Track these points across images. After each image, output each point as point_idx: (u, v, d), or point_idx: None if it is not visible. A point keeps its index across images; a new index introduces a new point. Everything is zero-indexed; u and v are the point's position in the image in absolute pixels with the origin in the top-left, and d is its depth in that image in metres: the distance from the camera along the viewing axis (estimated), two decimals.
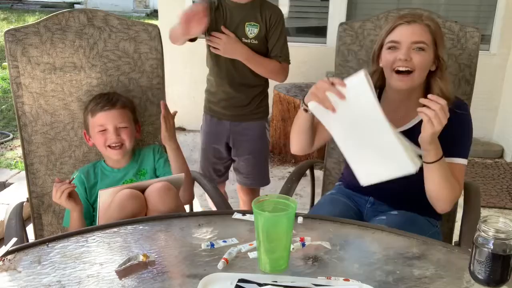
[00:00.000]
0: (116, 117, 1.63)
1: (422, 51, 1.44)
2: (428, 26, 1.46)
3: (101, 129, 1.62)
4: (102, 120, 1.62)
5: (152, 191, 1.46)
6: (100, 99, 1.67)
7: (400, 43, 1.46)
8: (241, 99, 2.14)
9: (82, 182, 1.65)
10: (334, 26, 3.03)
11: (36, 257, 1.10)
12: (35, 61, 1.71)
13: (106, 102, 1.64)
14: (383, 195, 1.58)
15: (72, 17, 1.76)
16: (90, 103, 1.68)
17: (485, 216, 1.03)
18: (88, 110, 1.66)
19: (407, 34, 1.45)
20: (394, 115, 1.51)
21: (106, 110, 1.63)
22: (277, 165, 3.84)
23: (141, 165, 1.73)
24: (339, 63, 1.93)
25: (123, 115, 1.66)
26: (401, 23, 1.47)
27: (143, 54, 1.84)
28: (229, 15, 2.02)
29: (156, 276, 1.04)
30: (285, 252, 1.07)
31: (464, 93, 1.79)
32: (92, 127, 1.65)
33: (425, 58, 1.45)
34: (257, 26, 2.03)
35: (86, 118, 1.67)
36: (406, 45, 1.45)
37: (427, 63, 1.47)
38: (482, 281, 1.01)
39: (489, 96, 4.12)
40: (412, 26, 1.46)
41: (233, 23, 2.02)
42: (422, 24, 1.46)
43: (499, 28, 4.07)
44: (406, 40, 1.45)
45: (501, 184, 3.51)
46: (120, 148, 1.64)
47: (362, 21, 1.90)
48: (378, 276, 1.05)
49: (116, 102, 1.65)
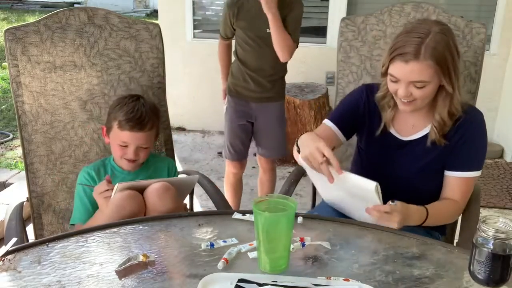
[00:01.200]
0: (141, 139, 1.61)
1: (422, 88, 1.37)
2: (430, 60, 1.33)
3: (123, 144, 1.61)
4: (126, 138, 1.59)
5: (151, 191, 1.46)
6: (131, 114, 1.59)
7: (400, 80, 1.38)
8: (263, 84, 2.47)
9: (93, 179, 1.64)
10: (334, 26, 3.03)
11: (36, 257, 1.10)
12: (35, 60, 1.71)
13: (137, 122, 1.58)
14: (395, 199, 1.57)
15: (73, 16, 1.76)
16: (120, 111, 1.60)
17: (485, 216, 1.03)
18: (117, 119, 1.60)
19: (405, 73, 1.36)
20: (405, 124, 1.53)
21: (135, 131, 1.59)
22: (277, 165, 3.82)
23: (153, 174, 1.70)
24: (340, 59, 1.92)
25: (148, 137, 1.63)
26: (399, 60, 1.36)
27: (144, 53, 1.84)
28: (253, 9, 2.32)
29: (156, 276, 1.04)
30: (285, 252, 1.07)
31: (469, 91, 1.77)
32: (115, 137, 1.62)
33: (426, 92, 1.38)
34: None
35: (112, 122, 1.62)
36: (405, 83, 1.37)
37: (429, 94, 1.40)
38: (482, 281, 1.01)
39: (489, 96, 4.12)
40: (410, 65, 1.34)
41: (257, 16, 2.29)
42: (422, 63, 1.33)
43: (499, 28, 4.07)
44: (405, 79, 1.37)
45: (501, 184, 3.51)
46: (133, 162, 1.63)
47: (365, 15, 1.89)
48: (378, 276, 1.05)
49: (146, 125, 1.60)
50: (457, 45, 1.39)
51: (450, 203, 1.48)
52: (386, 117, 1.53)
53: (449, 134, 1.46)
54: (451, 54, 1.36)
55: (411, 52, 1.33)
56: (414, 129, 1.52)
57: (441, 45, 1.34)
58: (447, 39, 1.35)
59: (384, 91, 1.52)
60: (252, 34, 2.38)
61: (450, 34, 1.38)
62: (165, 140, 1.92)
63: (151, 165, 1.72)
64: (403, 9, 1.84)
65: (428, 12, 1.81)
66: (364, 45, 1.88)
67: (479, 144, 1.48)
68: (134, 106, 1.61)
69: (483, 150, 1.49)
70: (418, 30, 1.36)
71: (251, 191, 3.36)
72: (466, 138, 1.45)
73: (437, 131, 1.45)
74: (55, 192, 1.78)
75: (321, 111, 3.79)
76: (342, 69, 1.91)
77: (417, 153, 1.50)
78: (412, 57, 1.33)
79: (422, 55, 1.33)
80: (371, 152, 1.59)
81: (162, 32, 1.87)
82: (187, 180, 1.66)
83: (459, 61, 1.40)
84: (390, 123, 1.54)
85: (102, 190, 1.48)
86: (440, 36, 1.34)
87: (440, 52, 1.33)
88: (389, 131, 1.55)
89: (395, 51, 1.37)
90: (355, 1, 4.24)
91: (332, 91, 2.20)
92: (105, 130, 1.68)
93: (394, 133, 1.54)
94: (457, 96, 1.41)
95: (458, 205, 1.49)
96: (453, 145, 1.46)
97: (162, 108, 1.86)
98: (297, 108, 3.74)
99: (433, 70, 1.34)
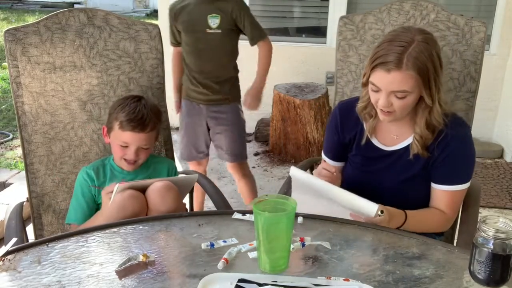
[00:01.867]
0: (142, 139, 1.61)
1: (403, 98, 1.34)
2: (412, 71, 1.30)
3: (124, 145, 1.61)
4: (127, 138, 1.60)
5: (153, 191, 1.46)
6: (133, 115, 1.59)
7: (380, 89, 1.35)
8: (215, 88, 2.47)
9: (92, 179, 1.64)
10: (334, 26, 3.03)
11: (36, 257, 1.10)
12: (35, 61, 1.71)
13: (138, 123, 1.59)
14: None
15: (72, 17, 1.76)
16: (122, 112, 1.61)
17: (485, 216, 1.03)
18: (118, 119, 1.60)
19: (387, 82, 1.32)
20: (388, 134, 1.51)
21: (136, 132, 1.59)
22: (277, 165, 3.84)
23: (152, 175, 1.70)
24: (339, 58, 1.91)
25: (149, 138, 1.63)
26: (380, 69, 1.32)
27: (144, 53, 1.84)
28: (193, 10, 2.36)
29: (156, 276, 1.04)
30: (285, 252, 1.07)
31: (469, 90, 1.76)
32: (115, 137, 1.62)
33: (406, 102, 1.35)
34: (218, 17, 2.32)
35: (113, 122, 1.62)
36: (386, 93, 1.34)
37: (409, 105, 1.37)
38: (482, 281, 1.01)
39: (489, 96, 4.12)
40: (392, 74, 1.30)
41: (195, 17, 2.34)
42: (404, 72, 1.30)
43: (499, 28, 4.07)
44: (386, 88, 1.33)
45: (501, 184, 3.51)
46: (133, 164, 1.63)
47: (363, 14, 1.87)
48: (378, 276, 1.05)
49: (147, 125, 1.61)
50: (440, 56, 1.36)
51: (435, 212, 1.46)
52: (368, 127, 1.51)
53: (431, 147, 1.43)
54: (433, 65, 1.32)
55: (393, 61, 1.30)
56: (397, 139, 1.49)
57: (423, 55, 1.30)
58: (430, 49, 1.32)
59: (365, 101, 1.48)
60: (191, 35, 2.41)
61: (433, 44, 1.35)
62: (164, 141, 1.92)
63: (151, 165, 1.72)
64: (402, 7, 1.83)
65: (427, 10, 1.80)
66: (363, 44, 1.88)
67: (464, 158, 1.44)
68: (135, 107, 1.61)
69: (469, 163, 1.46)
70: (401, 38, 1.33)
71: None
72: (449, 152, 1.41)
73: (418, 143, 1.42)
74: (55, 192, 1.78)
75: (321, 111, 3.79)
76: (341, 68, 1.91)
77: (402, 163, 1.48)
78: (394, 66, 1.30)
79: (404, 65, 1.29)
80: (357, 161, 1.57)
81: (162, 33, 1.87)
82: (186, 180, 1.66)
83: (441, 72, 1.36)
84: (372, 133, 1.52)
85: (111, 190, 1.48)
86: (423, 45, 1.31)
87: (422, 63, 1.30)
88: (371, 141, 1.52)
89: (376, 60, 1.33)
90: (355, 1, 4.24)
91: (332, 91, 2.20)
92: (106, 130, 1.68)
93: (376, 143, 1.52)
94: (437, 108, 1.37)
95: (445, 216, 1.46)
96: (436, 158, 1.43)
97: (162, 108, 1.86)
98: (297, 108, 3.74)
99: (414, 80, 1.31)
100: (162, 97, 1.89)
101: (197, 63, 2.43)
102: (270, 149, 4.06)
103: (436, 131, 1.41)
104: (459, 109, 1.77)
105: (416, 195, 1.50)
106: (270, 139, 4.05)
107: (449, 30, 1.77)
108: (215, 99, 2.46)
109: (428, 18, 1.80)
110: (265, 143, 4.22)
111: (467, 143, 1.44)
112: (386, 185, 1.51)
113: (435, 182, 1.46)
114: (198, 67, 2.43)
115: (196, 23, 2.35)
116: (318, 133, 3.81)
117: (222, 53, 2.44)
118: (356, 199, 1.30)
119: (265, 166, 3.79)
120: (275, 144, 3.99)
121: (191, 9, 2.37)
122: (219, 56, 2.42)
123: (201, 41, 2.38)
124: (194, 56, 2.42)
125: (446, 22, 1.78)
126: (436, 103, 1.37)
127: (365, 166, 1.55)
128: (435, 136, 1.42)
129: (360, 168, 1.56)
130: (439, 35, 1.77)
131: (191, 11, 2.37)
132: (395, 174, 1.49)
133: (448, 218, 1.47)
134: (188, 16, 2.37)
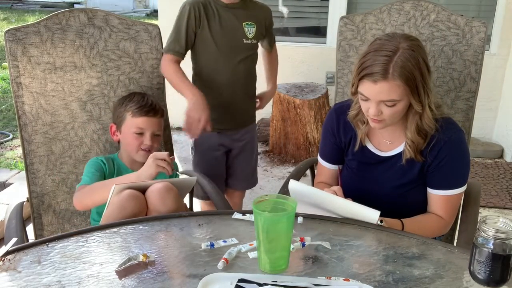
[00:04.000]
0: (156, 124, 1.69)
1: (393, 106, 1.33)
2: (398, 80, 1.29)
3: (139, 132, 1.65)
4: (143, 124, 1.66)
5: (153, 192, 1.46)
6: (143, 102, 1.68)
7: (369, 99, 1.34)
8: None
9: (105, 165, 1.67)
10: (334, 26, 3.03)
11: (36, 257, 1.10)
12: (36, 61, 1.71)
13: (150, 108, 1.68)
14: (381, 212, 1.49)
15: (73, 17, 1.76)
16: (131, 103, 1.68)
17: (485, 216, 1.03)
18: (128, 108, 1.67)
19: (375, 93, 1.32)
20: (382, 140, 1.50)
21: (150, 116, 1.67)
22: (277, 165, 3.84)
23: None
24: (340, 58, 1.91)
25: (160, 124, 1.73)
26: (367, 80, 1.31)
27: (144, 54, 1.84)
28: (223, 15, 1.94)
29: (156, 276, 1.04)
30: (285, 252, 1.07)
31: (469, 91, 1.77)
32: (129, 126, 1.66)
33: (396, 109, 1.34)
34: (254, 26, 2.00)
35: (123, 114, 1.68)
36: (375, 102, 1.33)
37: (400, 112, 1.36)
38: (482, 281, 1.01)
39: (489, 96, 4.12)
40: (379, 85, 1.30)
41: (229, 24, 1.95)
42: (391, 82, 1.29)
43: (499, 28, 4.07)
44: (374, 98, 1.33)
45: (501, 184, 3.51)
46: (149, 152, 1.64)
47: (364, 14, 1.87)
48: (378, 276, 1.05)
49: (158, 111, 1.71)
50: (427, 61, 1.35)
51: (432, 218, 1.46)
52: (361, 133, 1.50)
53: (424, 152, 1.43)
54: (420, 72, 1.31)
55: (379, 72, 1.29)
56: (392, 145, 1.49)
57: (410, 64, 1.29)
58: (416, 56, 1.30)
59: (356, 109, 1.48)
60: (226, 45, 2.00)
61: (419, 50, 1.33)
62: (165, 140, 1.92)
63: None
64: (403, 7, 1.83)
65: (427, 10, 1.80)
66: (363, 44, 1.87)
67: (458, 163, 1.43)
68: (143, 97, 1.72)
69: (464, 167, 1.44)
70: (386, 47, 1.31)
71: (251, 191, 3.36)
72: (442, 158, 1.40)
73: (410, 148, 1.41)
74: (55, 192, 1.78)
75: (321, 111, 3.80)
76: (341, 68, 1.91)
77: (397, 168, 1.47)
78: (380, 77, 1.29)
79: (390, 75, 1.29)
80: (353, 166, 1.56)
81: (162, 33, 1.88)
82: (185, 181, 1.66)
83: (430, 77, 1.35)
84: (366, 138, 1.51)
85: (161, 157, 1.50)
86: (409, 53, 1.29)
87: (408, 71, 1.29)
88: (366, 146, 1.52)
89: (363, 71, 1.32)
90: (355, 1, 4.24)
91: (332, 91, 2.20)
92: (115, 127, 1.71)
93: (371, 149, 1.51)
94: (427, 113, 1.36)
95: (443, 221, 1.46)
96: (430, 163, 1.43)
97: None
98: (297, 108, 3.74)
99: (402, 89, 1.30)
100: (162, 97, 1.90)
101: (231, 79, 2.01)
102: (270, 149, 4.06)
103: (428, 136, 1.41)
104: (459, 109, 1.78)
105: (414, 200, 1.50)
106: (270, 139, 4.05)
107: (449, 30, 1.77)
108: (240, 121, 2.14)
109: (428, 18, 1.80)
110: (265, 143, 4.22)
111: (460, 147, 1.43)
112: (384, 190, 1.51)
113: (430, 187, 1.47)
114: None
115: (229, 31, 1.95)
116: (318, 133, 3.81)
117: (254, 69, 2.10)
118: (357, 207, 1.30)
119: (265, 166, 3.80)
120: (275, 144, 3.99)
121: (219, 11, 1.94)
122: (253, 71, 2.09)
123: (237, 52, 1.98)
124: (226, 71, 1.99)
125: (447, 22, 1.78)
126: (426, 109, 1.36)
127: (362, 171, 1.55)
128: (428, 141, 1.41)
129: (357, 173, 1.56)
130: (440, 35, 1.78)
131: (223, 16, 1.94)
132: (391, 179, 1.49)
133: (446, 223, 1.47)
134: (221, 23, 1.94)
